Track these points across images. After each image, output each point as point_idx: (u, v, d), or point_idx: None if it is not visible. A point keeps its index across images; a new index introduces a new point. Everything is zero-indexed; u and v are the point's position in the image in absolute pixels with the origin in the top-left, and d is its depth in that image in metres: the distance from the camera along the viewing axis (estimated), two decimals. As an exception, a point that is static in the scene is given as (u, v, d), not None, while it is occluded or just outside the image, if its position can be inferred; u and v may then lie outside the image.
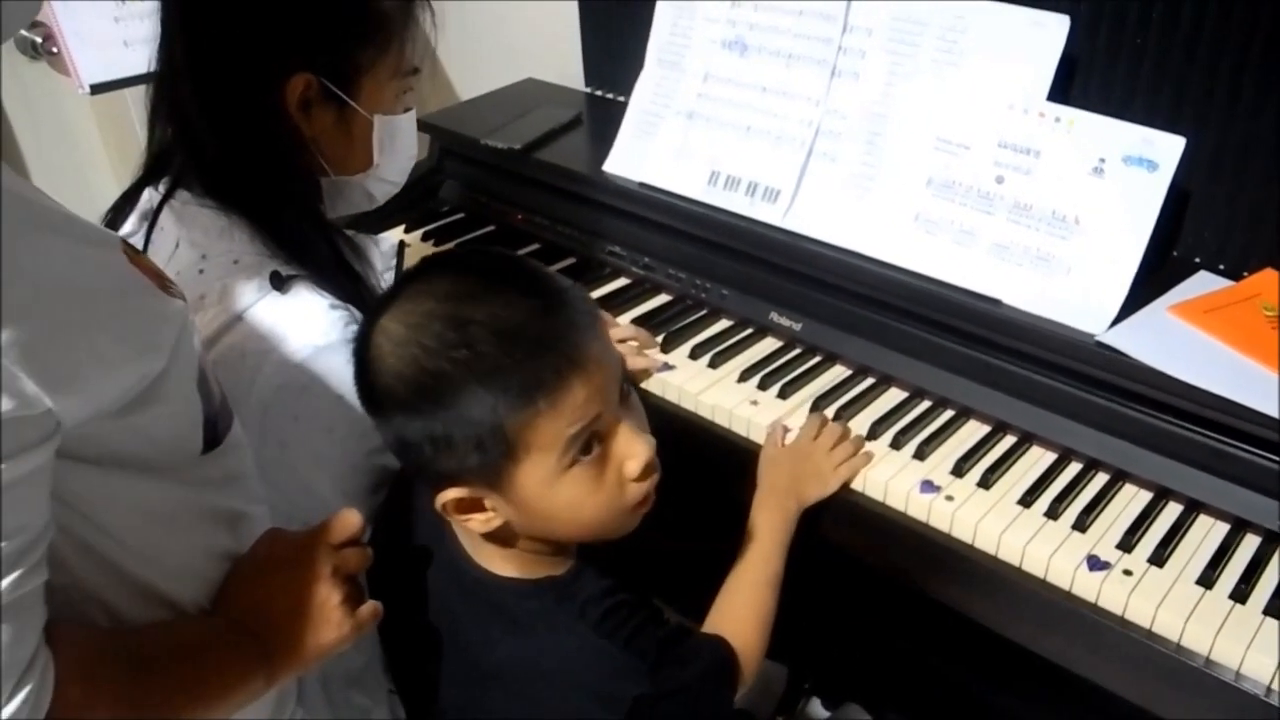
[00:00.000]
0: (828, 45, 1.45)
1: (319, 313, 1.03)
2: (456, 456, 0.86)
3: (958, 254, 1.33)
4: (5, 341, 0.60)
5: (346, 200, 1.17)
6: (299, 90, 1.05)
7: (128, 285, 0.73)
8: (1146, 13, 1.32)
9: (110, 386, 0.69)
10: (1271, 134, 1.29)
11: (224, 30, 1.02)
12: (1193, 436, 1.18)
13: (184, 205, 1.07)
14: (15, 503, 0.63)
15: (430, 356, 0.85)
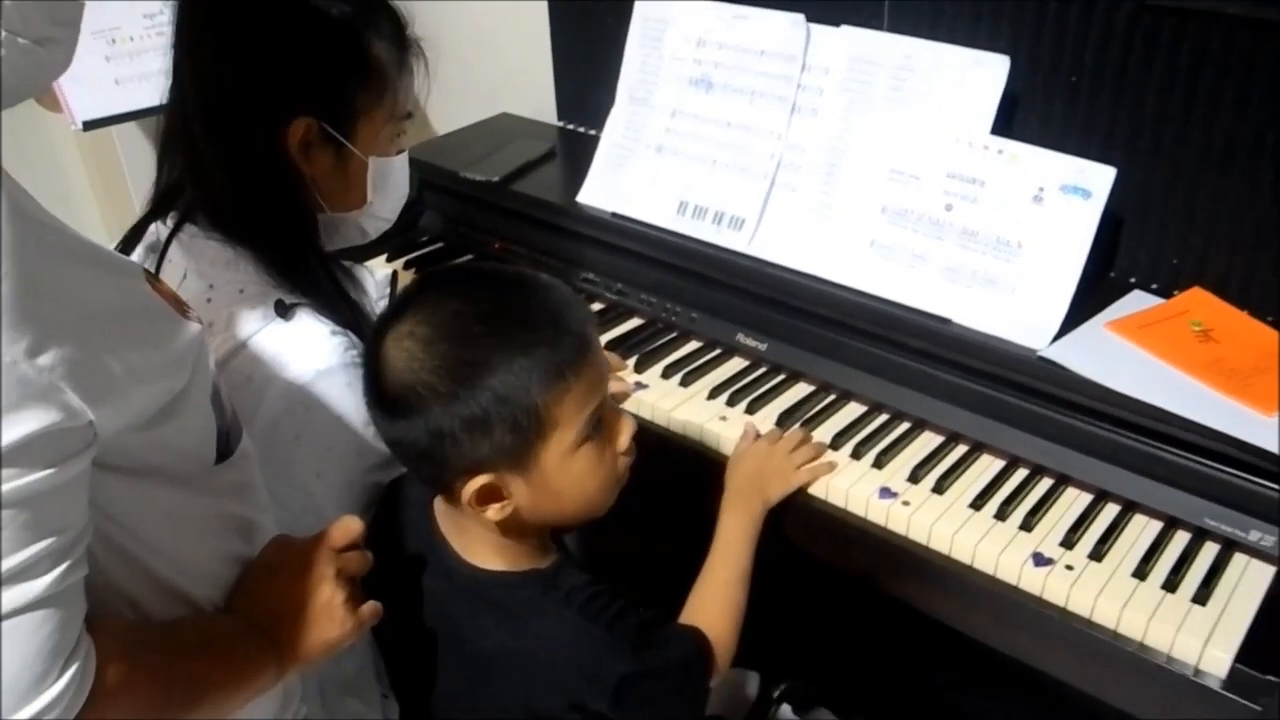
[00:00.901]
0: (788, 83, 1.55)
1: (320, 338, 1.10)
2: (491, 439, 0.95)
3: (911, 277, 1.43)
4: (53, 361, 0.68)
5: (342, 235, 1.25)
6: (300, 133, 1.12)
7: (152, 309, 0.81)
8: (1080, 53, 1.43)
9: (140, 401, 0.77)
10: (1194, 164, 1.40)
11: (233, 77, 1.10)
12: (1128, 443, 1.27)
13: (192, 238, 1.14)
14: (62, 504, 0.70)
15: (465, 346, 0.94)
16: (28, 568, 0.68)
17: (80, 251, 0.76)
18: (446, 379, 0.95)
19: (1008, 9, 1.47)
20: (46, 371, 0.68)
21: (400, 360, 0.96)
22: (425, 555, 1.08)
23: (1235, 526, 1.21)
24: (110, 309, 0.76)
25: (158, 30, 1.97)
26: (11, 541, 0.67)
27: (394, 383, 0.96)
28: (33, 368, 0.67)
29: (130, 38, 1.92)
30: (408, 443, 0.99)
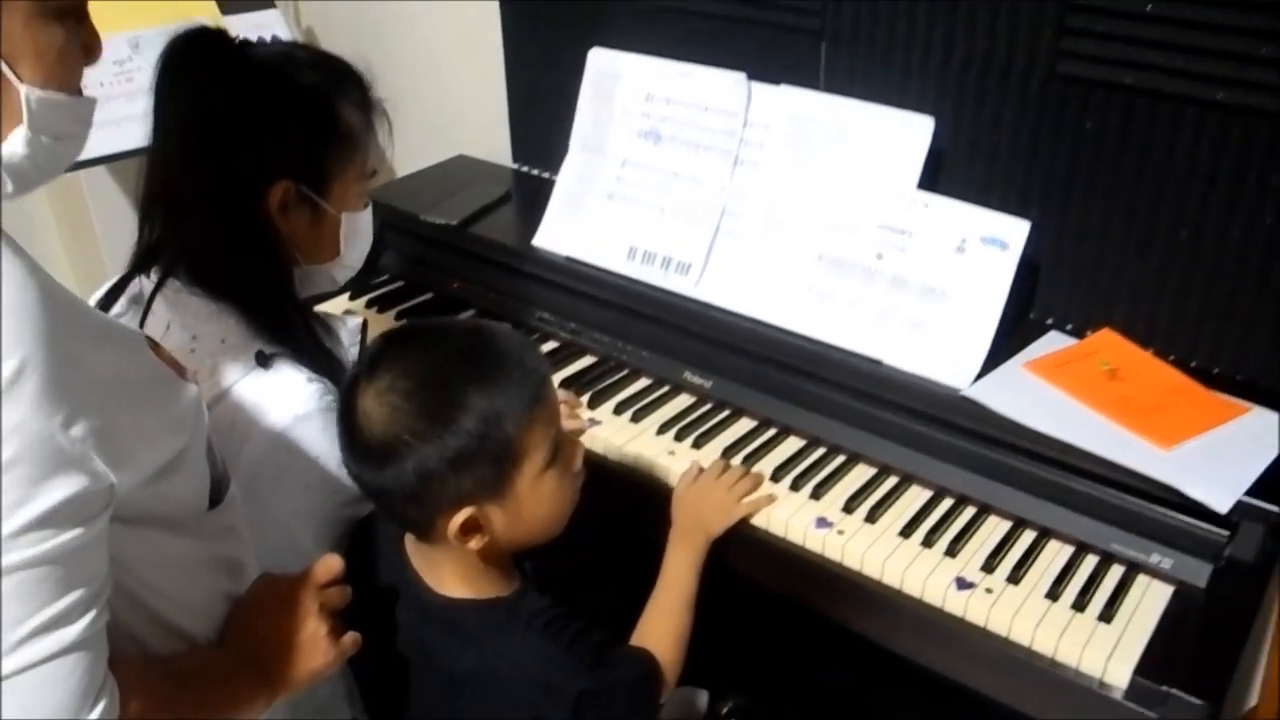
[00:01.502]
0: (731, 137, 1.66)
1: (298, 386, 1.19)
2: (473, 472, 1.05)
3: (845, 320, 1.54)
4: (83, 432, 0.76)
5: (314, 284, 1.33)
6: (279, 196, 1.21)
7: (158, 376, 0.89)
8: (998, 116, 1.56)
9: (149, 461, 0.85)
10: (1102, 216, 1.53)
11: (214, 147, 1.17)
12: (1043, 475, 1.38)
13: (175, 293, 1.22)
14: (89, 558, 0.79)
15: (442, 391, 1.04)
16: (63, 616, 0.76)
17: (96, 326, 0.84)
18: (429, 423, 1.04)
19: (933, 74, 1.59)
20: (78, 442, 0.76)
21: (382, 414, 1.04)
22: (398, 587, 1.17)
23: (1138, 551, 1.33)
24: (125, 379, 0.84)
25: (126, 76, 2.05)
26: (49, 594, 0.75)
27: (379, 435, 1.05)
28: (67, 439, 0.75)
29: (100, 84, 1.99)
30: (395, 488, 1.07)
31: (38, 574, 0.74)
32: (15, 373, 0.72)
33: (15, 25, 0.79)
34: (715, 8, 1.79)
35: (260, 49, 1.26)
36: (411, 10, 2.37)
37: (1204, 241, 1.47)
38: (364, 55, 2.37)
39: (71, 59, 0.85)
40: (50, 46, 0.82)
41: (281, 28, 2.23)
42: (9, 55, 0.79)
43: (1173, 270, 1.51)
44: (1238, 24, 1.34)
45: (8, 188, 0.85)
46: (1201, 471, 1.29)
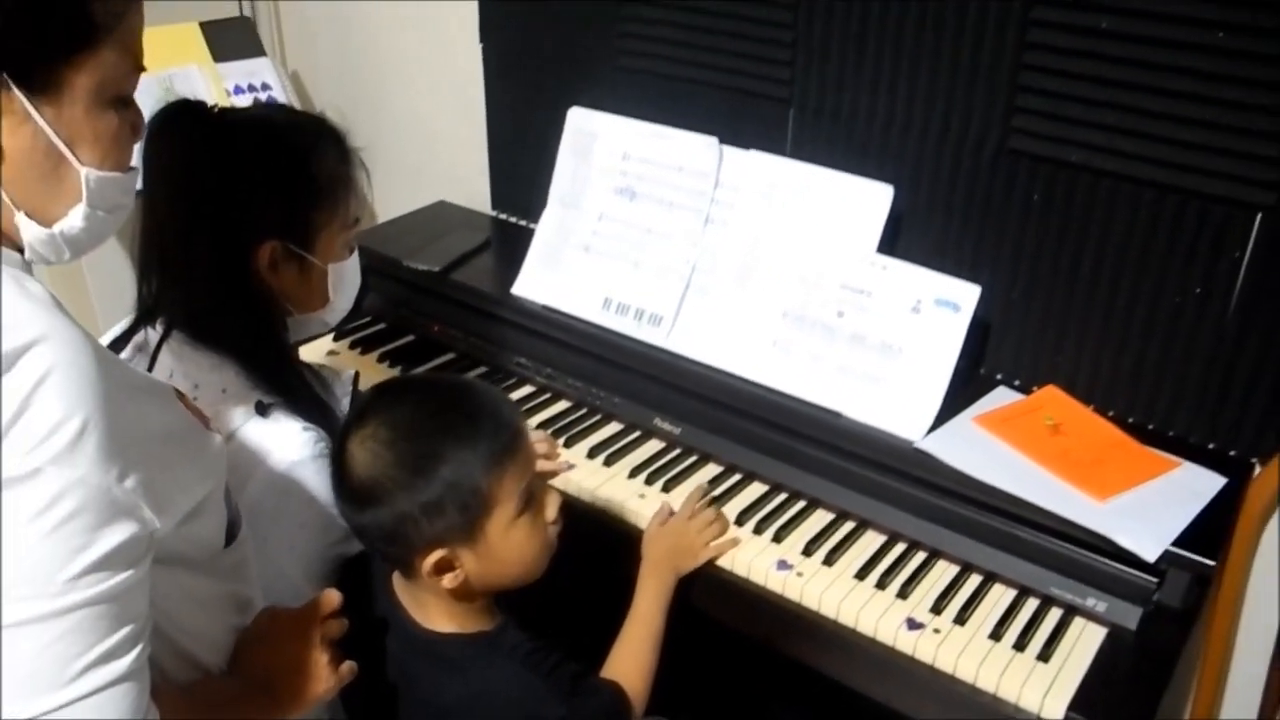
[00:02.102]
0: (702, 197, 1.76)
1: (294, 434, 1.26)
2: (445, 518, 1.13)
3: (807, 374, 1.64)
4: (135, 483, 0.84)
5: (307, 329, 1.41)
6: (268, 254, 1.28)
7: (189, 427, 0.97)
8: (953, 185, 1.67)
9: (184, 506, 0.93)
10: (1048, 281, 1.64)
11: (202, 213, 1.25)
12: (989, 523, 1.48)
13: (180, 345, 1.29)
14: (138, 596, 0.87)
15: (420, 442, 1.13)
16: (116, 649, 0.84)
17: (136, 383, 0.92)
18: (406, 471, 1.12)
19: (893, 144, 1.71)
20: (130, 492, 0.84)
21: (366, 459, 1.13)
22: (387, 620, 1.25)
23: (1075, 594, 1.43)
24: (164, 432, 0.92)
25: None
26: (105, 630, 0.83)
27: (362, 477, 1.13)
28: (121, 490, 0.83)
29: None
30: (374, 527, 1.15)
31: (95, 612, 0.82)
32: (78, 432, 0.80)
33: (77, 114, 0.88)
34: (690, 72, 1.90)
35: (240, 115, 1.33)
36: (396, 58, 2.47)
37: (1139, 307, 1.58)
38: (349, 100, 2.48)
39: (124, 140, 0.93)
40: (106, 131, 0.90)
41: (271, 74, 2.31)
42: (71, 140, 0.88)
43: (1111, 333, 1.62)
44: (1171, 111, 1.46)
45: (65, 255, 0.94)
46: (1133, 522, 1.39)
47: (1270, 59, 1.37)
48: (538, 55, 2.12)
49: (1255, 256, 1.47)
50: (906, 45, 1.65)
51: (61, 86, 0.86)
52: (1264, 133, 1.41)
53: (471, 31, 2.21)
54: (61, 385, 0.81)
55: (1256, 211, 1.45)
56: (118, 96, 0.91)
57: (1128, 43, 1.46)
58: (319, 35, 2.61)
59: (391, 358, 1.98)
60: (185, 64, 2.21)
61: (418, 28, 2.38)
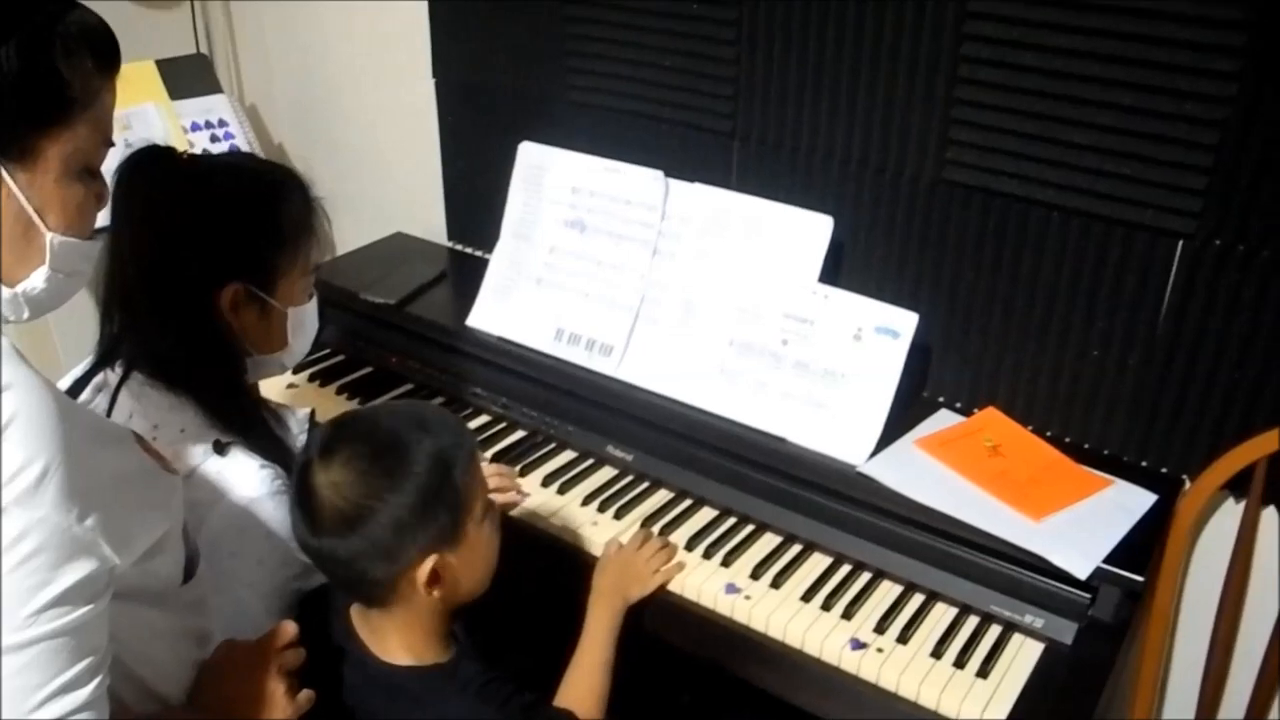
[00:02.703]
0: (650, 229, 1.80)
1: (252, 472, 1.29)
2: (436, 519, 1.18)
3: (753, 400, 1.68)
4: (94, 522, 0.89)
5: (265, 370, 1.44)
6: (230, 297, 1.31)
7: (147, 470, 1.01)
8: (892, 214, 1.73)
9: (142, 544, 0.97)
10: (985, 306, 1.69)
11: (167, 257, 1.28)
12: (930, 543, 1.53)
13: (139, 385, 1.32)
14: (97, 629, 0.91)
15: (395, 449, 1.17)
16: (75, 680, 0.88)
17: (96, 429, 0.97)
18: (393, 478, 1.16)
19: (833, 175, 1.76)
20: (90, 530, 0.88)
21: (350, 480, 1.15)
22: (345, 654, 1.28)
23: (1014, 611, 1.48)
24: (122, 475, 0.97)
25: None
26: (65, 662, 0.87)
27: (351, 499, 1.15)
28: (81, 529, 0.88)
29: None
30: (368, 549, 1.16)
31: (55, 645, 0.87)
32: (39, 475, 0.85)
33: (48, 182, 0.94)
34: (638, 106, 1.95)
35: (208, 162, 1.37)
36: (351, 92, 2.50)
37: (1073, 330, 1.64)
38: (307, 134, 2.51)
39: (89, 209, 0.99)
40: (73, 200, 0.96)
41: (228, 111, 2.34)
42: (39, 207, 0.94)
43: (1046, 355, 1.68)
44: (1096, 144, 1.52)
45: (24, 315, 0.98)
46: (1066, 541, 1.45)
47: (1190, 95, 1.43)
48: (489, 90, 2.17)
49: (1178, 282, 1.53)
50: (844, 80, 1.70)
51: (36, 156, 0.92)
52: (1184, 165, 1.47)
53: (424, 66, 2.25)
54: (24, 431, 0.86)
55: (1178, 239, 1.51)
56: (86, 167, 0.97)
57: (1054, 78, 1.52)
58: (276, 70, 2.64)
59: (350, 389, 2.01)
60: (142, 102, 2.23)
61: (372, 62, 2.42)
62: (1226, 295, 1.50)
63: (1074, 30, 1.48)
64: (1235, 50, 1.38)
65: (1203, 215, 1.48)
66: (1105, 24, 1.46)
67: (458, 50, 2.20)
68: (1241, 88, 1.40)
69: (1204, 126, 1.44)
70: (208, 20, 2.59)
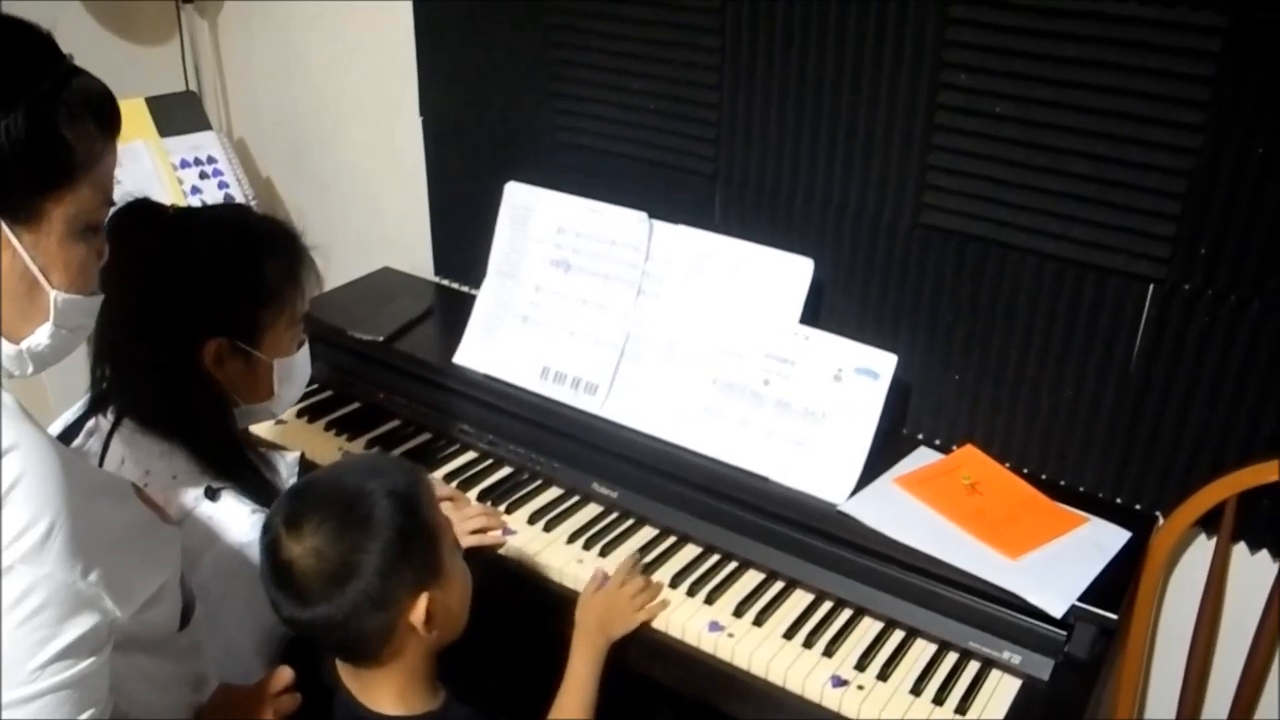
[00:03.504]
0: (634, 270, 1.84)
1: (243, 517, 1.32)
2: (417, 555, 1.19)
3: (736, 439, 1.71)
4: (97, 577, 0.92)
5: (253, 418, 1.47)
6: (214, 351, 1.34)
7: (147, 521, 1.04)
8: (871, 256, 1.76)
9: (142, 595, 1.00)
10: (963, 346, 1.73)
11: (152, 312, 1.31)
12: (910, 581, 1.56)
13: (131, 433, 1.34)
14: (99, 681, 0.94)
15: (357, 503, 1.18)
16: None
17: (98, 483, 1.00)
18: (364, 527, 1.17)
19: (814, 218, 1.80)
20: (93, 585, 0.92)
21: (327, 541, 1.16)
22: (335, 702, 1.30)
23: (992, 648, 1.51)
24: (123, 528, 1.00)
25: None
26: (68, 714, 0.90)
27: (330, 563, 1.16)
28: (85, 584, 0.91)
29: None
30: (360, 601, 1.17)
31: (60, 697, 0.90)
32: (45, 534, 0.88)
33: (52, 243, 0.97)
34: (623, 147, 1.99)
35: (194, 216, 1.40)
36: (340, 127, 2.53)
37: (1048, 370, 1.68)
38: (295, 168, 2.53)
39: (90, 266, 1.02)
40: (76, 258, 0.99)
41: (216, 148, 2.37)
42: (43, 266, 0.97)
43: (1022, 395, 1.71)
44: (1069, 191, 1.56)
45: (29, 370, 1.01)
46: (1042, 579, 1.48)
47: (1159, 145, 1.47)
48: (475, 129, 2.20)
49: (1150, 325, 1.57)
50: (824, 125, 1.74)
51: (40, 217, 0.95)
52: (1153, 212, 1.51)
53: (412, 103, 2.29)
54: (30, 490, 0.89)
55: (1149, 283, 1.55)
56: (89, 226, 0.99)
57: (1028, 127, 1.56)
58: (264, 106, 2.67)
59: (338, 425, 2.03)
60: (132, 140, 2.26)
61: (361, 98, 2.45)
62: (1196, 338, 1.54)
63: (1047, 81, 1.52)
64: (1201, 103, 1.43)
65: (1172, 261, 1.52)
66: (1077, 76, 1.50)
67: (445, 89, 2.23)
68: (1206, 139, 1.44)
69: (1172, 175, 1.48)
70: (197, 57, 2.62)
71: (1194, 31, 1.41)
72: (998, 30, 1.54)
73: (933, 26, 1.59)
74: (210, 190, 2.32)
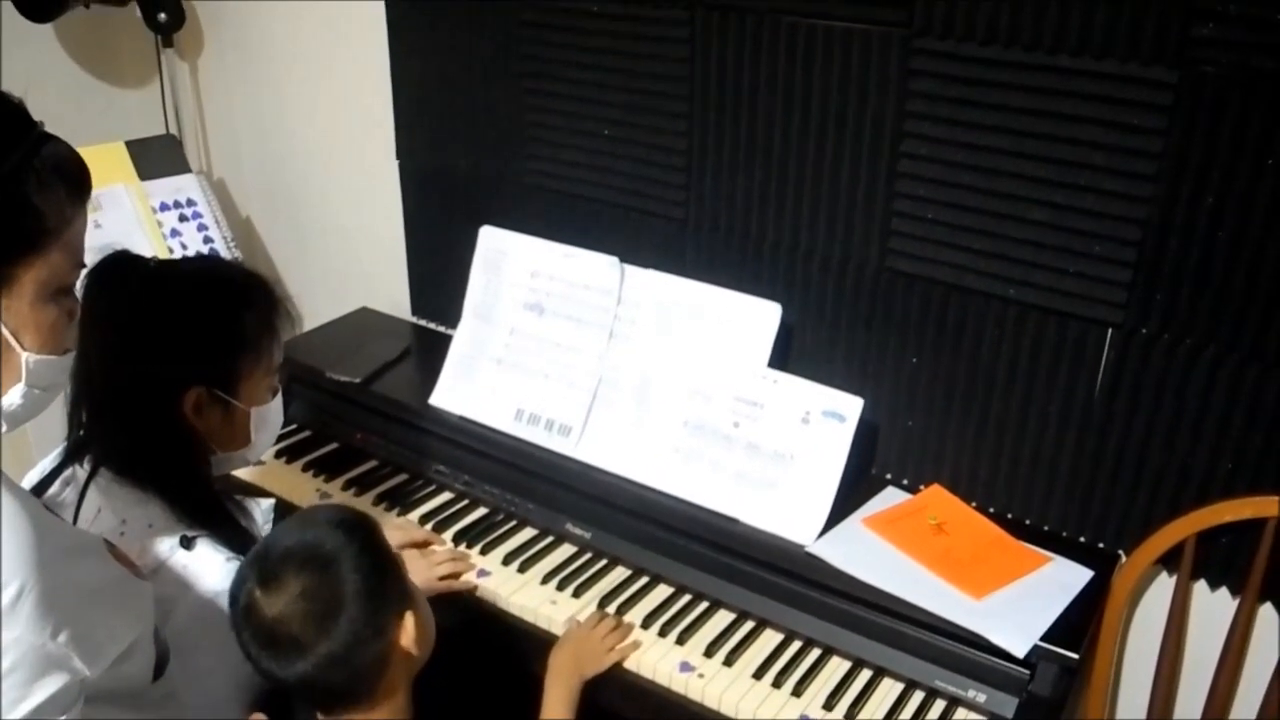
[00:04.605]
0: (606, 313, 1.87)
1: (218, 565, 1.33)
2: (391, 580, 1.22)
3: (706, 481, 1.74)
4: (66, 638, 0.93)
5: (230, 466, 1.49)
6: (193, 400, 1.36)
7: (119, 579, 1.06)
8: (839, 300, 1.80)
9: (115, 652, 1.01)
10: (928, 388, 1.77)
11: (131, 363, 1.33)
12: (878, 621, 1.58)
13: (108, 482, 1.36)
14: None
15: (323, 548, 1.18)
16: None
17: (70, 543, 1.01)
18: (338, 563, 1.18)
19: (782, 264, 1.84)
20: (63, 646, 0.93)
21: (308, 592, 1.16)
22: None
23: (958, 687, 1.53)
24: (95, 588, 1.01)
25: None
26: None
27: (317, 603, 1.16)
28: (54, 645, 0.93)
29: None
30: (358, 629, 1.17)
31: None
32: (15, 596, 0.90)
33: (23, 307, 0.98)
34: (596, 192, 2.02)
35: (173, 269, 1.42)
36: (319, 169, 2.56)
37: (1010, 410, 1.71)
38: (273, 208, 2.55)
39: (62, 327, 1.03)
40: (47, 321, 1.00)
41: (196, 190, 2.39)
42: (15, 329, 0.98)
43: (987, 436, 1.75)
44: (1028, 238, 1.60)
45: (2, 429, 1.02)
46: (1005, 619, 1.51)
47: (1115, 195, 1.52)
48: (451, 173, 2.24)
49: (1109, 368, 1.61)
50: (791, 174, 1.78)
51: (11, 282, 0.97)
52: (1110, 259, 1.55)
53: (389, 146, 2.32)
54: (1, 553, 0.90)
55: (1108, 328, 1.59)
56: (60, 289, 1.01)
57: (988, 175, 1.60)
58: (244, 148, 2.70)
59: (316, 466, 2.05)
60: (112, 183, 2.28)
61: (339, 141, 2.48)
62: (1155, 380, 1.58)
63: (1005, 130, 1.56)
64: (1153, 154, 1.47)
65: (1129, 306, 1.56)
66: (1034, 126, 1.54)
67: (421, 135, 2.26)
68: (1159, 188, 1.48)
69: (1127, 223, 1.52)
70: (177, 100, 2.65)
71: (1146, 85, 1.45)
72: (957, 82, 1.58)
73: (895, 78, 1.63)
74: (190, 233, 2.35)
